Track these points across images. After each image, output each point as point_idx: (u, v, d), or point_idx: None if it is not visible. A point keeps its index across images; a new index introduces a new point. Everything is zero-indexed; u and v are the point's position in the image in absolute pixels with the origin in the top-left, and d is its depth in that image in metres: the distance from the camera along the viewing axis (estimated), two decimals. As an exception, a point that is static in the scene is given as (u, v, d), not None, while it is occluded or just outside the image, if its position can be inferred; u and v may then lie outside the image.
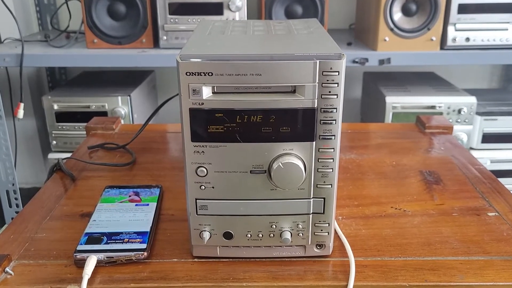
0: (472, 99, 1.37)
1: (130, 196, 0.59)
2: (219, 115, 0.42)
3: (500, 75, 1.80)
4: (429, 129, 0.83)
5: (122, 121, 1.33)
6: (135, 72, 1.64)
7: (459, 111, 1.37)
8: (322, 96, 0.41)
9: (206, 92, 0.41)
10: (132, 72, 1.64)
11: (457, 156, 0.73)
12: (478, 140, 1.42)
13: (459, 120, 1.38)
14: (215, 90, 0.41)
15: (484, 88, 1.80)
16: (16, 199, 1.44)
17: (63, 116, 1.39)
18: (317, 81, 0.41)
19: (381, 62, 1.31)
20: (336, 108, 0.42)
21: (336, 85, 0.41)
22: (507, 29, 1.31)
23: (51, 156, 1.43)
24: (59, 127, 1.40)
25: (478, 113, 1.40)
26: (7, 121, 1.37)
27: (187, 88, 0.41)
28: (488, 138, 1.42)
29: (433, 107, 1.37)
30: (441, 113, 1.37)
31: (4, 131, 1.36)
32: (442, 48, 1.34)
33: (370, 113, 1.61)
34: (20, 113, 1.35)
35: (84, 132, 0.84)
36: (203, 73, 0.40)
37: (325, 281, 0.45)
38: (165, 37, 1.33)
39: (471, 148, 1.43)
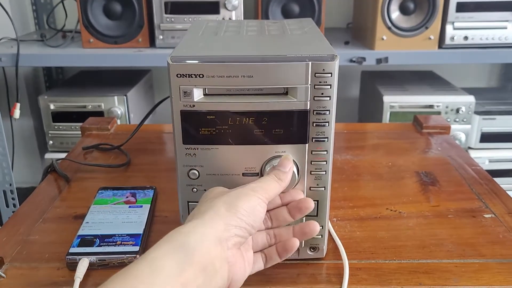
0: (471, 98, 1.37)
1: (127, 197, 0.58)
2: (211, 117, 0.41)
3: (499, 73, 1.80)
4: (427, 129, 0.82)
5: (119, 121, 1.33)
6: (131, 71, 1.63)
7: (458, 111, 1.36)
8: (315, 98, 0.41)
9: (197, 94, 0.41)
10: (129, 72, 1.63)
11: (454, 157, 0.73)
12: (476, 139, 1.41)
13: (457, 120, 1.38)
14: (207, 92, 0.41)
15: (482, 87, 1.79)
16: (13, 199, 1.44)
17: (59, 116, 1.39)
18: (309, 82, 0.40)
19: (379, 61, 1.30)
20: (329, 110, 0.41)
21: (329, 86, 0.40)
22: (506, 28, 1.31)
23: (48, 156, 1.42)
24: (56, 127, 1.40)
25: (476, 113, 1.39)
26: (3, 121, 1.37)
27: (178, 90, 0.40)
28: (486, 137, 1.41)
29: (431, 106, 1.37)
30: (439, 113, 1.36)
31: (1, 131, 1.36)
32: (440, 47, 1.33)
33: (368, 113, 1.61)
34: (17, 113, 1.35)
35: (80, 132, 0.84)
36: (194, 75, 0.40)
37: (319, 284, 0.45)
38: (161, 37, 1.33)
39: (470, 148, 1.43)
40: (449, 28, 1.31)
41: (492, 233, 0.52)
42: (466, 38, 1.31)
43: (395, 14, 1.31)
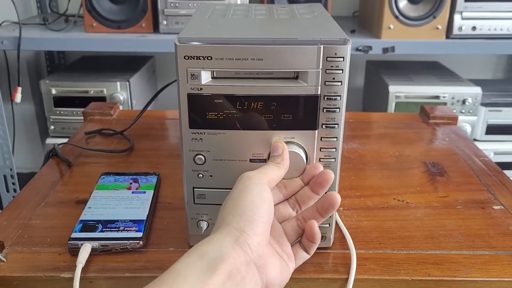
0: (477, 90, 1.35)
1: (130, 183, 0.57)
2: (219, 101, 0.40)
3: (505, 65, 1.78)
4: (433, 120, 0.81)
5: (121, 107, 1.32)
6: (134, 57, 1.62)
7: (464, 102, 1.35)
8: (326, 83, 0.39)
9: (205, 77, 0.39)
10: (132, 57, 1.62)
11: (462, 148, 0.72)
12: (482, 131, 1.40)
13: (463, 111, 1.36)
14: (215, 75, 0.40)
15: (489, 78, 1.77)
16: (13, 184, 1.43)
17: (61, 101, 1.37)
18: (320, 67, 0.39)
19: (385, 50, 1.28)
20: (340, 96, 0.40)
21: (341, 71, 0.39)
22: (514, 18, 1.29)
23: (49, 141, 1.41)
24: (57, 112, 1.39)
25: (482, 104, 1.38)
26: (4, 105, 1.36)
27: (185, 73, 0.39)
28: (492, 129, 1.40)
29: (437, 97, 1.35)
30: (445, 103, 1.35)
31: (2, 115, 1.35)
32: (447, 37, 1.31)
33: (373, 103, 1.59)
34: (18, 97, 1.33)
35: (82, 118, 0.83)
36: (202, 57, 0.38)
37: (325, 273, 0.44)
38: (165, 22, 1.31)
39: (475, 140, 1.42)
40: (457, 17, 1.29)
41: (502, 225, 0.51)
42: (474, 28, 1.29)
43: (403, 2, 1.29)
